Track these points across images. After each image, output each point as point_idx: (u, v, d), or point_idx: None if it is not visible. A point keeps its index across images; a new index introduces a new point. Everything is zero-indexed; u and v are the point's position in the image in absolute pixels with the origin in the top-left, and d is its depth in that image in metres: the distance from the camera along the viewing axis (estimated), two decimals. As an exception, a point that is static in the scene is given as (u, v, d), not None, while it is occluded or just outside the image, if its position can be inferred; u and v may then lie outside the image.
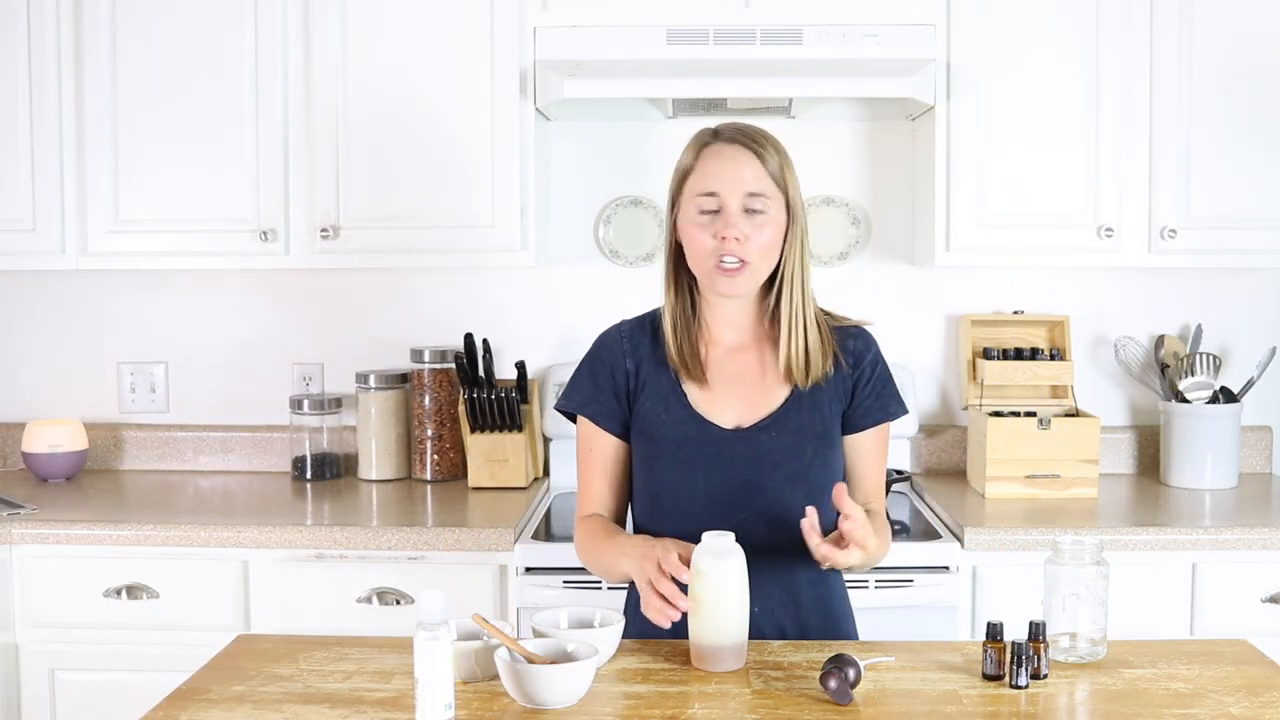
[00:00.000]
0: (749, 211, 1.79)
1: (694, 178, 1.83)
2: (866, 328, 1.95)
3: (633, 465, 1.94)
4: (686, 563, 1.64)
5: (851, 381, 1.90)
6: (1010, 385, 2.98)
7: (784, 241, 1.84)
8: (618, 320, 1.99)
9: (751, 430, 1.86)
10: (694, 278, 1.88)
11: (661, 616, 1.63)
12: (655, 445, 1.87)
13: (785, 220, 1.83)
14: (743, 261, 1.80)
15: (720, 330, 1.90)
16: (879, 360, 1.93)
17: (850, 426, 1.91)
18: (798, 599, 1.88)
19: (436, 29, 2.79)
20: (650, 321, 1.95)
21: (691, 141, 1.87)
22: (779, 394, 1.88)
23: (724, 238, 1.78)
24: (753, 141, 1.82)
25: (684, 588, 1.63)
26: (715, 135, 1.84)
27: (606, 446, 1.93)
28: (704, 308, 1.90)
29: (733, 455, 1.85)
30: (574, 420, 1.97)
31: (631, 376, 1.90)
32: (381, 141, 2.81)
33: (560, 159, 3.15)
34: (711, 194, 1.80)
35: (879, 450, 1.95)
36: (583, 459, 1.95)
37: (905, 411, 1.96)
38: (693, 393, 1.88)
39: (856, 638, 1.96)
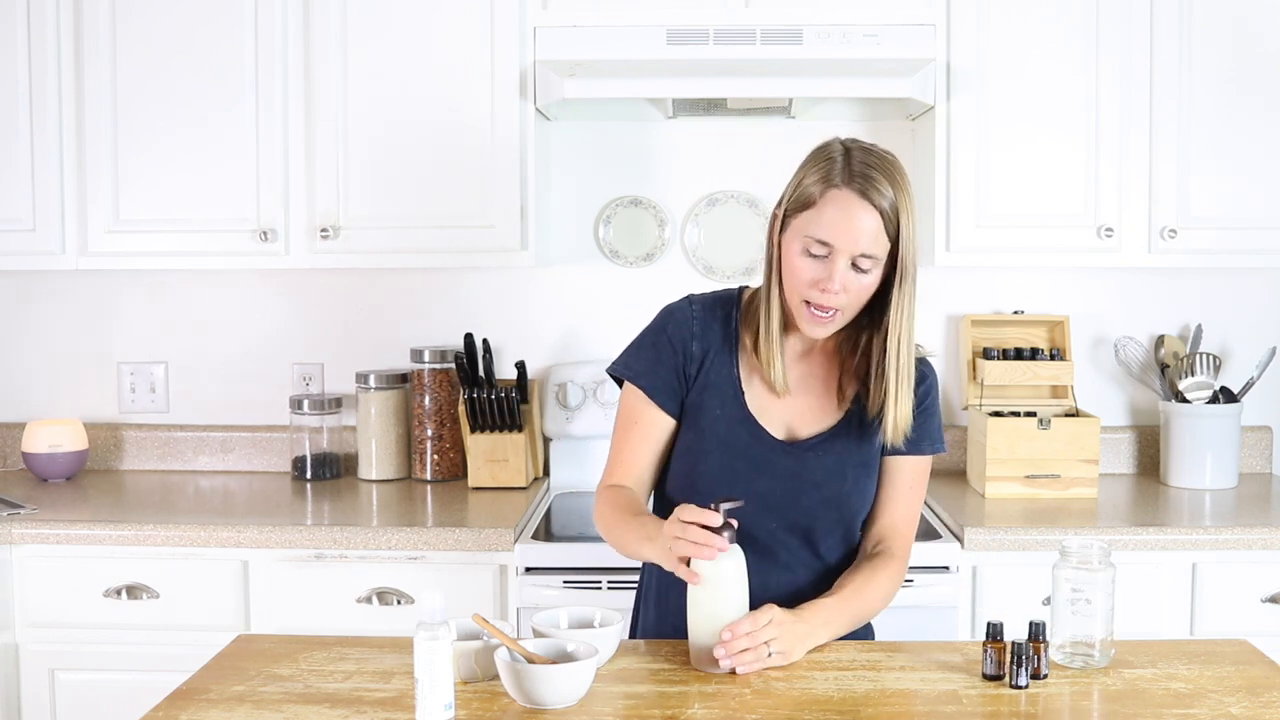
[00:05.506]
0: (855, 268, 1.73)
1: (811, 216, 1.72)
2: (929, 359, 1.90)
3: (674, 446, 1.89)
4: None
5: None
6: (1010, 385, 2.98)
7: (893, 295, 1.75)
8: (683, 297, 1.91)
9: (800, 446, 1.84)
10: None
11: (700, 555, 1.62)
12: (704, 442, 1.84)
13: (892, 273, 1.75)
14: (835, 310, 1.75)
15: (791, 340, 1.86)
16: (930, 393, 1.88)
17: (885, 449, 1.88)
18: None
19: (436, 29, 2.79)
20: (720, 306, 1.88)
21: (819, 164, 1.75)
22: (833, 413, 1.86)
23: (824, 289, 1.73)
24: (880, 195, 1.70)
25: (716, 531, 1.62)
26: (847, 176, 1.71)
27: (655, 422, 1.87)
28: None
29: (777, 466, 1.83)
30: (620, 385, 1.92)
31: (696, 361, 1.85)
32: (381, 141, 2.81)
33: (560, 159, 3.14)
34: (824, 243, 1.72)
35: (913, 483, 1.90)
36: (625, 428, 1.88)
37: (939, 450, 1.91)
38: (752, 394, 1.85)
39: (873, 637, 1.97)
